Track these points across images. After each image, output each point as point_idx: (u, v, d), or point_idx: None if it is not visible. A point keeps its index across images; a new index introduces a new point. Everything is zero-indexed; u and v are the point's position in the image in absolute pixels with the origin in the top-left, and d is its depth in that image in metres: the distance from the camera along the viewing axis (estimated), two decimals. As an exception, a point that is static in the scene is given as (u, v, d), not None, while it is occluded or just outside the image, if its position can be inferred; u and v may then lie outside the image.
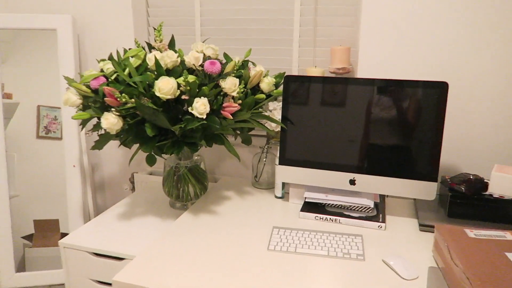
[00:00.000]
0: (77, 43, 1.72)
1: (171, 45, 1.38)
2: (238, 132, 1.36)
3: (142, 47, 1.32)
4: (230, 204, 1.39)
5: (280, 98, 1.31)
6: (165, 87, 1.07)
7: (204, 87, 1.11)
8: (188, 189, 1.39)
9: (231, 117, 1.14)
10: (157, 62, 1.14)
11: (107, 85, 1.16)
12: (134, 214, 1.40)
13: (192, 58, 1.19)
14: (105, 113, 1.09)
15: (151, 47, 1.33)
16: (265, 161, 1.52)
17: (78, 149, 1.70)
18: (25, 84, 1.71)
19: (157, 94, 1.07)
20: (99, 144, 1.28)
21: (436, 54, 1.36)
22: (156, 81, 1.08)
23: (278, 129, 1.32)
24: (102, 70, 1.19)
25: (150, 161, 1.30)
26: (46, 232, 1.80)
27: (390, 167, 1.21)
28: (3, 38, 1.69)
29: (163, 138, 1.21)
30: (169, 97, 1.08)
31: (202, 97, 1.10)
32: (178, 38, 1.67)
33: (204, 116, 1.09)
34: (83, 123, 1.28)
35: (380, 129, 1.21)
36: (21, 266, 1.79)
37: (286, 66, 1.59)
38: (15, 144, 1.73)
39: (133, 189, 1.84)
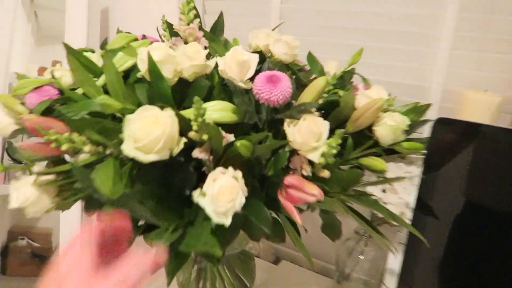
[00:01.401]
0: (98, 18, 1.17)
1: (215, 30, 0.75)
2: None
3: (160, 34, 0.71)
4: None
5: (418, 159, 0.61)
6: (146, 132, 0.44)
7: (240, 141, 0.45)
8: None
9: (299, 219, 0.47)
10: (152, 65, 0.50)
11: (60, 104, 0.57)
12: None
13: (232, 63, 0.53)
14: (16, 182, 0.49)
15: (172, 33, 0.71)
16: (361, 257, 0.83)
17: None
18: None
19: (126, 150, 0.44)
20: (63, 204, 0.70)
21: None
22: (127, 117, 0.44)
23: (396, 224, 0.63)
24: (52, 76, 0.59)
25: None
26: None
27: None
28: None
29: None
30: (154, 158, 0.44)
31: (230, 167, 0.45)
32: (242, 21, 1.04)
33: (227, 221, 0.43)
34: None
35: None
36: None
37: (418, 81, 0.88)
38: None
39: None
